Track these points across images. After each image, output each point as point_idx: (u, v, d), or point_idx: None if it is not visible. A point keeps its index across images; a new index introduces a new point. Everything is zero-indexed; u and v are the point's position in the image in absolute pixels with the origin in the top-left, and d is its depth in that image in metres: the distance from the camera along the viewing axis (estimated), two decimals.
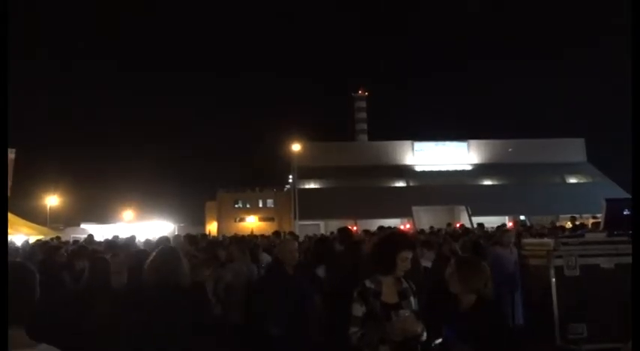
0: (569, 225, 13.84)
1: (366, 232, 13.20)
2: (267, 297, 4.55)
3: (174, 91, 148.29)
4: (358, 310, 3.07)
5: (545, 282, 5.77)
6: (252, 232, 26.70)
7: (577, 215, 16.42)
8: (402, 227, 34.95)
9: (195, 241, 9.95)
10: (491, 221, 27.15)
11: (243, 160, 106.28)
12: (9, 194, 23.40)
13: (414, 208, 47.58)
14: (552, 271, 5.78)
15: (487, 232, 12.43)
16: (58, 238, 16.21)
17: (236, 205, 59.69)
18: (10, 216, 20.56)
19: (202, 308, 4.53)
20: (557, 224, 15.79)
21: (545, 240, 6.62)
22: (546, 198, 47.32)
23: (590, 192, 42.78)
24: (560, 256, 5.85)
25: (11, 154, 24.00)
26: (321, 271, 5.61)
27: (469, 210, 46.53)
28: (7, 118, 2.47)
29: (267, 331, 4.38)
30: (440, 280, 4.36)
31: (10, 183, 23.62)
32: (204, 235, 16.43)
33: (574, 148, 59.09)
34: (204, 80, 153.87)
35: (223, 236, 19.65)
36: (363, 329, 3.01)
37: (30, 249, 9.93)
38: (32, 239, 15.40)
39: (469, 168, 58.56)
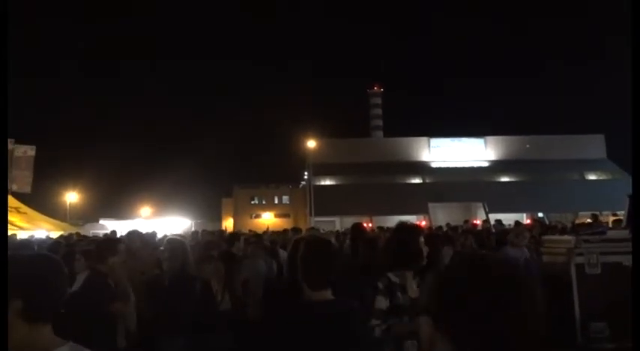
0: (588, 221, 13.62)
1: (381, 228, 13.20)
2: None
3: (190, 89, 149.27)
4: (383, 303, 3.07)
5: (566, 280, 5.68)
6: (267, 228, 26.75)
7: (597, 212, 16.12)
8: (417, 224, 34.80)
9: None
10: (508, 218, 26.85)
11: (258, 156, 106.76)
12: (30, 191, 23.85)
13: (430, 205, 47.34)
14: (573, 269, 5.68)
15: (506, 229, 12.24)
16: (77, 233, 16.44)
17: (252, 202, 59.99)
18: (30, 211, 20.93)
19: (205, 306, 4.52)
20: (577, 221, 15.54)
21: (566, 237, 6.51)
22: (565, 195, 46.68)
23: (610, 189, 42.11)
24: (581, 254, 5.76)
25: (32, 151, 24.41)
26: None
27: (486, 207, 46.14)
28: (7, 118, 2.53)
29: None
30: None
31: (30, 179, 24.05)
32: (221, 231, 16.50)
33: (593, 145, 58.12)
34: (221, 77, 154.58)
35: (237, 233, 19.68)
36: (387, 323, 3.00)
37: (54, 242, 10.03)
38: (53, 234, 15.64)
39: (486, 164, 58.00)
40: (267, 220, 54.43)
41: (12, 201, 21.32)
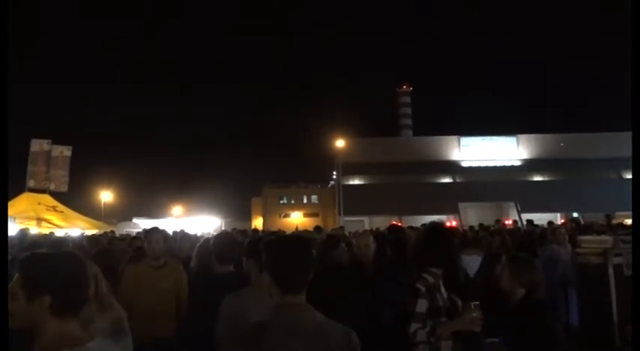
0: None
1: (411, 228, 13.04)
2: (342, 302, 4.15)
3: (221, 89, 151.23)
4: (423, 306, 3.02)
5: (603, 281, 5.52)
6: (297, 228, 26.90)
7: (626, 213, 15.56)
8: (447, 224, 34.39)
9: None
10: (541, 218, 26.27)
11: (288, 156, 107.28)
12: (66, 190, 24.56)
13: (461, 205, 46.66)
14: (611, 270, 5.52)
15: (539, 229, 11.97)
16: (112, 232, 16.85)
17: (281, 201, 60.25)
18: (67, 210, 21.52)
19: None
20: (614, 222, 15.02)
21: (603, 237, 6.33)
22: (601, 194, 45.28)
23: None
24: (619, 255, 5.59)
25: (68, 152, 25.14)
26: None
27: (518, 206, 45.20)
28: (7, 119, 2.62)
29: None
30: (489, 276, 4.25)
31: (67, 179, 24.78)
32: (248, 231, 16.61)
33: (631, 142, 56.19)
34: (250, 78, 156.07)
35: (265, 231, 19.83)
36: (428, 325, 2.97)
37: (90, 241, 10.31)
38: (88, 233, 16.05)
39: (518, 163, 56.83)
40: (296, 219, 54.62)
41: (49, 200, 21.98)
